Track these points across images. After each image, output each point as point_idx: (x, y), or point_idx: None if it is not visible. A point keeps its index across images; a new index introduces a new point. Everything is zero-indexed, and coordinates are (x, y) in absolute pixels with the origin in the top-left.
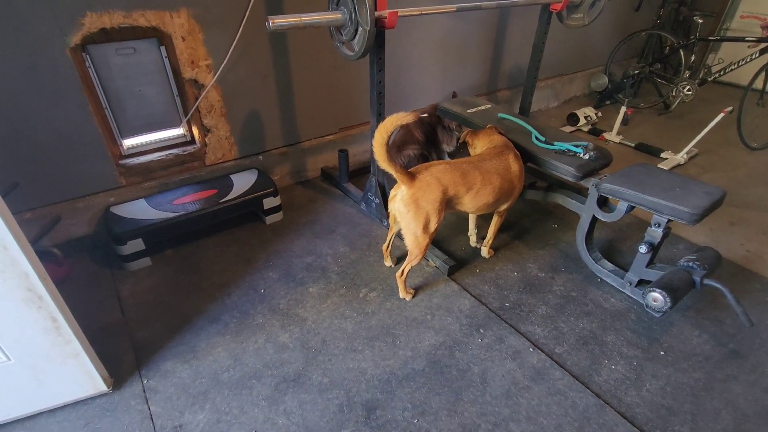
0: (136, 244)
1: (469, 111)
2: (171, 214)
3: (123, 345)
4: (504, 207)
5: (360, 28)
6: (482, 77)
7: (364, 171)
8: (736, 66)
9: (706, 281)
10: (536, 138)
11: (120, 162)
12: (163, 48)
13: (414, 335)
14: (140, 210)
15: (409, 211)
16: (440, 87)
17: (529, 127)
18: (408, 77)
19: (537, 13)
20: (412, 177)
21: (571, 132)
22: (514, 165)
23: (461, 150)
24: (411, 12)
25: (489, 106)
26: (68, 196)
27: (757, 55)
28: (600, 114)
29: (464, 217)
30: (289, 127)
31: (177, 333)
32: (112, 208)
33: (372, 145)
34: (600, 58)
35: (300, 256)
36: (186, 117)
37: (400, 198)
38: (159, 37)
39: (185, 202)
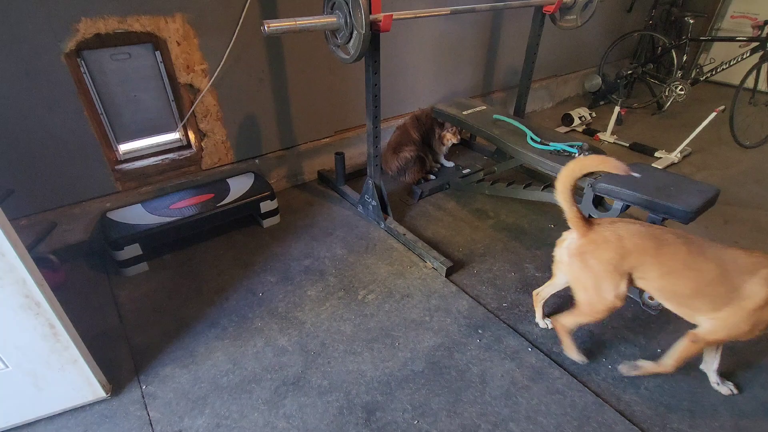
0: (133, 250)
1: (464, 113)
2: (168, 219)
3: (121, 351)
4: (709, 327)
5: (355, 32)
6: (477, 79)
7: (360, 173)
8: (727, 65)
9: None
10: (531, 139)
11: (116, 167)
12: (158, 53)
13: (413, 337)
14: (137, 215)
15: (572, 264)
16: (436, 89)
17: (524, 128)
18: (404, 79)
19: (531, 15)
20: (588, 227)
21: (565, 132)
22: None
23: (456, 153)
24: (405, 15)
25: (484, 107)
26: (64, 202)
27: (748, 54)
28: (594, 114)
29: (461, 218)
30: (286, 130)
31: (175, 338)
32: (108, 213)
33: (557, 183)
34: (593, 59)
35: (298, 259)
36: (182, 121)
37: (567, 246)
38: (154, 42)
39: (182, 206)
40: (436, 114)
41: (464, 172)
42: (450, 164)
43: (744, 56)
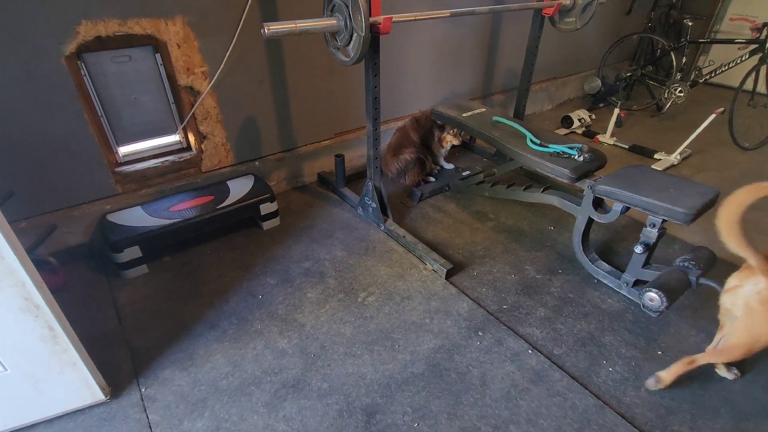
0: (133, 252)
1: (464, 115)
2: (168, 221)
3: (120, 353)
4: None
5: (355, 34)
6: (477, 81)
7: (360, 175)
8: (726, 68)
9: (702, 281)
10: (531, 141)
11: (116, 169)
12: (158, 55)
13: (413, 339)
14: (136, 217)
15: (754, 314)
16: (436, 91)
17: (524, 130)
18: (404, 81)
19: (530, 17)
20: None
21: (565, 134)
22: None
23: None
24: (405, 17)
25: (484, 109)
26: (64, 204)
27: (747, 56)
28: (594, 116)
29: (461, 220)
30: (286, 132)
31: (175, 340)
32: (108, 216)
33: (718, 220)
34: (593, 61)
35: (298, 262)
36: (182, 124)
37: (752, 292)
38: (154, 44)
39: (182, 209)
40: (435, 116)
41: (464, 174)
42: (450, 166)
43: (743, 58)
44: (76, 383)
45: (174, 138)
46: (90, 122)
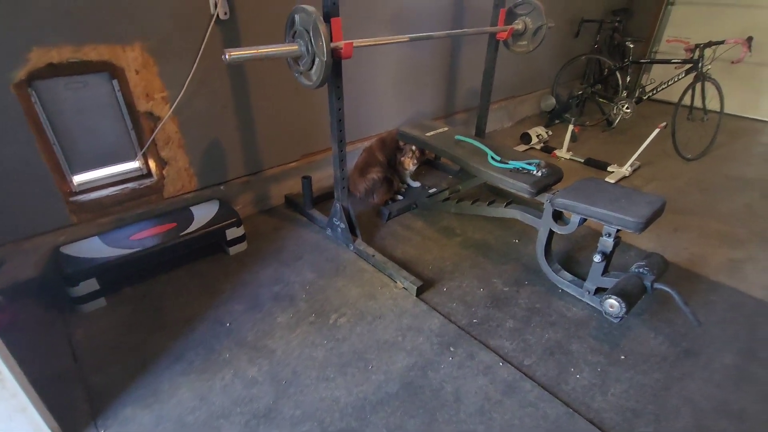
0: (90, 285)
1: (427, 134)
2: (127, 251)
3: (76, 393)
4: None
5: (317, 59)
6: (440, 101)
7: (328, 196)
8: (666, 85)
9: (656, 285)
10: (492, 158)
11: (71, 199)
12: (115, 81)
13: (386, 358)
14: (94, 248)
15: None
16: (400, 111)
17: (485, 148)
18: (368, 103)
19: (486, 41)
20: None
21: (524, 150)
22: None
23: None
24: (366, 42)
25: (446, 128)
26: (13, 237)
27: (683, 75)
28: (551, 132)
29: (430, 236)
30: (251, 155)
31: (137, 376)
32: (62, 247)
33: None
34: (547, 80)
35: (267, 286)
36: (142, 150)
37: None
38: (111, 70)
39: (143, 237)
40: (400, 136)
41: (430, 191)
42: (416, 184)
43: (680, 77)
44: (27, 430)
45: (134, 164)
46: (42, 151)
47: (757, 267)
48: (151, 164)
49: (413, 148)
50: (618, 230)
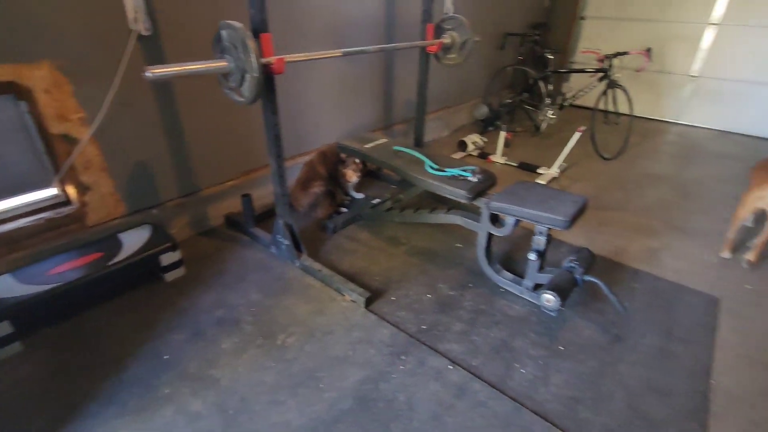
0: (2, 328)
1: (366, 146)
2: (45, 287)
3: None
4: None
5: (247, 75)
6: (379, 113)
7: (271, 214)
8: (583, 92)
9: (586, 278)
10: (430, 166)
11: None
12: (23, 103)
13: (338, 374)
14: (5, 287)
15: None
16: (340, 124)
17: (423, 157)
18: (307, 117)
19: (418, 54)
20: None
21: (462, 158)
22: None
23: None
24: (298, 57)
25: (385, 140)
26: None
27: (597, 83)
28: (485, 139)
29: (376, 247)
30: (185, 175)
31: (63, 427)
32: None
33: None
34: (479, 90)
35: (209, 312)
36: (58, 175)
37: None
38: (17, 91)
39: (63, 270)
40: (340, 149)
41: (374, 202)
42: (360, 196)
43: (594, 85)
44: None
45: (50, 192)
46: None
47: (670, 253)
48: (70, 191)
49: (356, 160)
50: (549, 229)
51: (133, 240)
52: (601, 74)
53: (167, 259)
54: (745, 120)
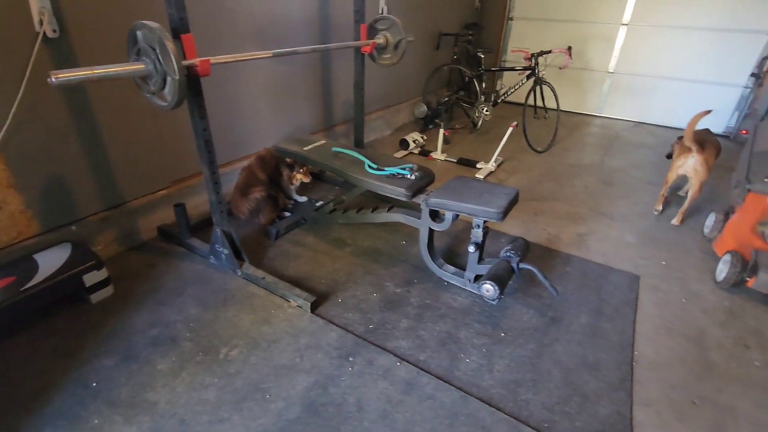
0: None
1: (305, 148)
2: None
3: None
4: None
5: (168, 78)
6: (318, 114)
7: (209, 222)
8: (514, 89)
9: (521, 265)
10: (369, 166)
11: None
12: None
13: (285, 383)
14: None
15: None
16: (278, 128)
17: (362, 157)
18: (242, 121)
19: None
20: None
21: (404, 156)
22: None
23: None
24: (225, 59)
25: (324, 141)
26: None
27: (525, 80)
28: (426, 137)
29: (321, 250)
30: (108, 187)
31: None
32: None
33: (686, 131)
34: (417, 89)
35: (142, 331)
36: None
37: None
38: None
39: None
40: (278, 152)
41: (317, 204)
42: (303, 199)
43: (523, 82)
44: None
45: None
46: None
47: (596, 237)
48: None
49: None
50: (485, 221)
51: (51, 260)
52: (528, 72)
53: (91, 278)
54: (656, 112)
